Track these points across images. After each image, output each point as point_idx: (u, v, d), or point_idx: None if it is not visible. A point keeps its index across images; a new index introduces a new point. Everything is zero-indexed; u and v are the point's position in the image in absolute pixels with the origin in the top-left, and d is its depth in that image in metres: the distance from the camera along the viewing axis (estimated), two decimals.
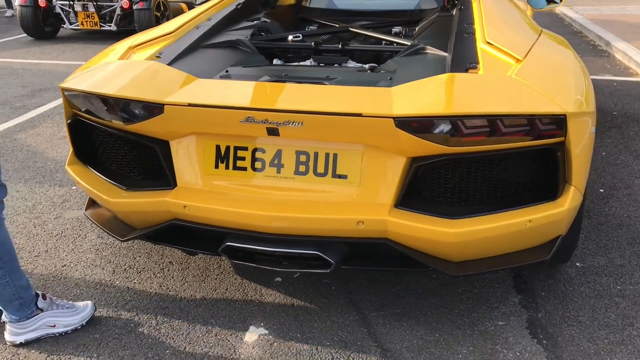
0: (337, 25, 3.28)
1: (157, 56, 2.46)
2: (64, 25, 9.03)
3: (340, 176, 2.04)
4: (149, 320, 2.35)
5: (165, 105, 2.03)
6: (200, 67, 2.39)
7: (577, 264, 2.66)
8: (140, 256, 2.80)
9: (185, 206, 2.08)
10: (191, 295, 2.50)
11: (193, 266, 2.71)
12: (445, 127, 1.88)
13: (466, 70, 2.14)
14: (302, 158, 2.06)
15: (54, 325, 2.25)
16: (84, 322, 2.31)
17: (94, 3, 8.64)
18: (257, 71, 2.33)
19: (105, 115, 2.19)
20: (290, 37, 2.82)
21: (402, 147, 1.94)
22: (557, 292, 2.46)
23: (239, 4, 3.14)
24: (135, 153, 2.28)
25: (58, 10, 8.92)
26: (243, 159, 2.10)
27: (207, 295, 2.50)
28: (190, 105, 2.00)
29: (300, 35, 2.84)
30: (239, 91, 2.04)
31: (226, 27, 2.90)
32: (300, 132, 1.97)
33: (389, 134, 1.91)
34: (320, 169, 2.05)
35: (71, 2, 8.75)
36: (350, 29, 3.06)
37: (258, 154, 2.09)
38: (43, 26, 9.06)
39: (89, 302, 2.36)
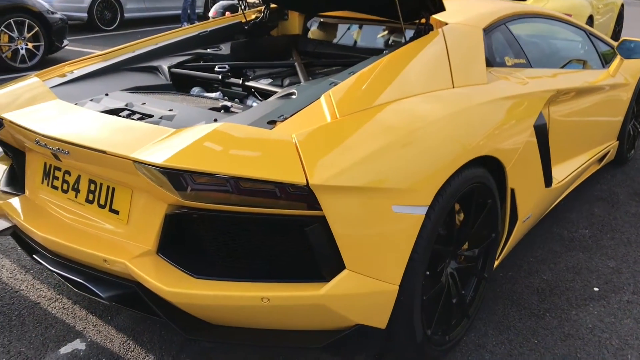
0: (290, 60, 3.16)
1: (66, 74, 2.66)
2: None
3: (114, 211, 2.02)
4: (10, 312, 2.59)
5: (2, 119, 2.24)
6: (90, 89, 2.53)
7: None
8: None
9: (7, 212, 2.26)
10: (49, 297, 2.67)
11: None
12: (173, 179, 1.75)
13: (272, 122, 1.94)
14: (92, 187, 2.08)
15: None
16: None
17: None
18: (125, 97, 2.39)
19: None
20: (216, 68, 2.80)
21: (154, 192, 1.86)
22: None
23: (205, 31, 3.20)
24: (11, 159, 2.51)
25: None
26: (58, 178, 2.20)
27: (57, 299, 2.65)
28: (11, 122, 2.17)
29: (227, 66, 2.80)
30: (50, 114, 2.15)
31: (169, 53, 2.98)
32: (71, 161, 2.01)
33: (135, 175, 1.84)
34: (102, 201, 2.05)
35: None
36: (298, 64, 2.91)
37: (66, 176, 2.17)
38: None
39: None
